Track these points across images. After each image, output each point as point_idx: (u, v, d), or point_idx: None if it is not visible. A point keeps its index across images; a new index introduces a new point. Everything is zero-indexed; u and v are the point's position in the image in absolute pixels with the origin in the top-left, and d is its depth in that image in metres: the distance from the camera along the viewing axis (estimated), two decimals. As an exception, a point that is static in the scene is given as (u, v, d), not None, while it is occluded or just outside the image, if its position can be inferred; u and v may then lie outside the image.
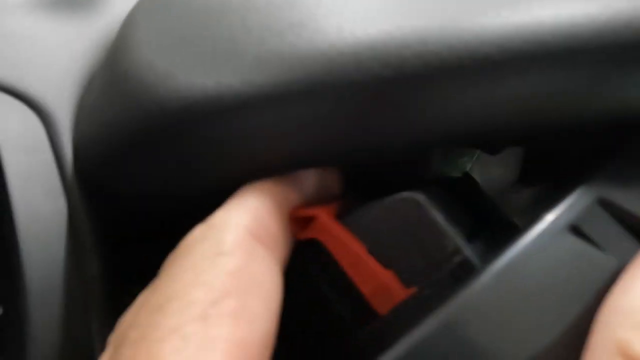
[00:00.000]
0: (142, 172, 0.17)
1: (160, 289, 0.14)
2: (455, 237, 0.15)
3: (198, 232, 0.15)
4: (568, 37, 0.14)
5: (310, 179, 0.17)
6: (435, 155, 0.19)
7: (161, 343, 0.12)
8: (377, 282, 0.15)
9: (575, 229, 0.13)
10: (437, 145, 0.16)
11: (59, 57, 0.20)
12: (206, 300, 0.13)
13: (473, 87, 0.14)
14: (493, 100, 0.14)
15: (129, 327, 0.13)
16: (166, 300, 0.13)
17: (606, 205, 0.14)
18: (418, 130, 0.15)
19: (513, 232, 0.14)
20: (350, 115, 0.15)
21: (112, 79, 0.18)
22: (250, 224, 0.15)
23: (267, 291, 0.14)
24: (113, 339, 0.14)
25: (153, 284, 0.14)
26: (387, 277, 0.15)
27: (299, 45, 0.15)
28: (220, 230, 0.14)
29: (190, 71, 0.15)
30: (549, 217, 0.13)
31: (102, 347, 0.14)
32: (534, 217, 0.14)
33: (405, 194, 0.15)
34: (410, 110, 0.14)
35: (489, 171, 0.22)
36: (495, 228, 0.17)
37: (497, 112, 0.14)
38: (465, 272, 0.14)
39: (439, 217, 0.15)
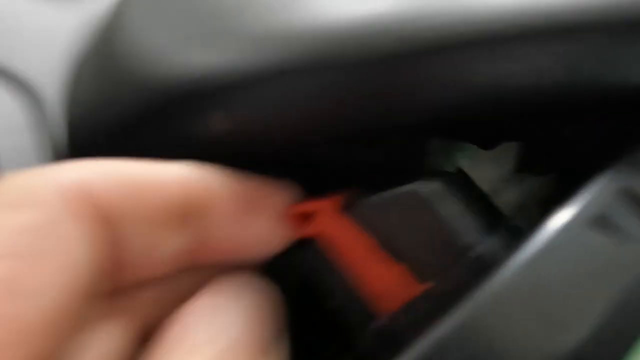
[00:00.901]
0: (141, 152, 0.16)
1: None
2: (466, 232, 0.14)
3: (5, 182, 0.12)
4: (579, 9, 0.13)
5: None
6: (432, 149, 0.18)
7: None
8: (389, 278, 0.15)
9: (599, 221, 0.13)
10: (446, 125, 0.16)
11: (47, 39, 0.20)
12: None
13: (487, 62, 0.14)
14: (504, 75, 0.14)
15: None
16: None
17: (630, 195, 0.13)
18: (427, 107, 0.14)
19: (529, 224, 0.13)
20: (357, 92, 0.14)
21: (107, 59, 0.17)
22: (82, 184, 0.12)
23: (69, 258, 0.11)
24: None
25: None
26: (399, 272, 0.15)
27: (302, 21, 0.14)
28: (29, 182, 0.12)
29: (189, 49, 0.15)
30: (572, 209, 0.13)
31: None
32: (554, 208, 0.13)
33: (409, 187, 0.14)
34: (421, 87, 0.14)
35: (482, 167, 0.22)
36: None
37: (508, 87, 0.14)
38: (483, 267, 0.13)
39: (446, 212, 0.14)
